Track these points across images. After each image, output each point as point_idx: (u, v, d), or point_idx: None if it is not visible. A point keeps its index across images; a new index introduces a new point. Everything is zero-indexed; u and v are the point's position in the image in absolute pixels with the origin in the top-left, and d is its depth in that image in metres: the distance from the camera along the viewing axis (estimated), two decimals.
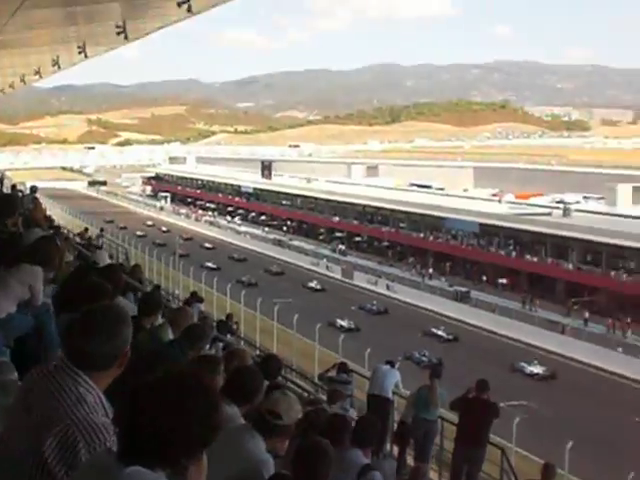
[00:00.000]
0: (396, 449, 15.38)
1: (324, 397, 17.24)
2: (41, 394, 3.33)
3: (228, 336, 17.85)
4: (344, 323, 57.82)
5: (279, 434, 5.26)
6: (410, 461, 14.74)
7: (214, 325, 10.05)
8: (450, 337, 56.78)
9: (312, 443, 5.65)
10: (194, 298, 20.36)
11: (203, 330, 7.21)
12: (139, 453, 2.57)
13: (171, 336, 7.25)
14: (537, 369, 49.18)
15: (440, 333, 57.42)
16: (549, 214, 78.13)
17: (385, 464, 14.21)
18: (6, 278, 7.15)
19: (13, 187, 24.81)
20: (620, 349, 52.82)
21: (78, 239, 27.24)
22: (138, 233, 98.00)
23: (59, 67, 21.39)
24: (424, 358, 49.63)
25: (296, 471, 5.28)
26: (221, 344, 13.92)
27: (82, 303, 7.52)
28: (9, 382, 5.96)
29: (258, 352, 27.38)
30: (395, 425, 15.89)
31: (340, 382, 16.40)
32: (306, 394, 16.36)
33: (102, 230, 38.73)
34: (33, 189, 20.33)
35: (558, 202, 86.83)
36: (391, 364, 16.48)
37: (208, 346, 11.70)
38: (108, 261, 10.33)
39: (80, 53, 17.84)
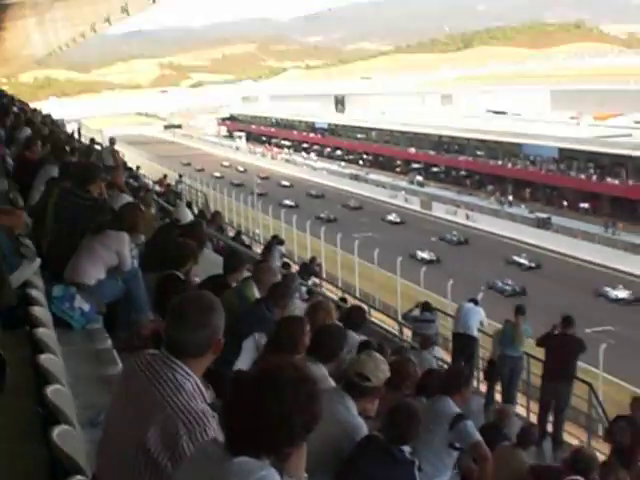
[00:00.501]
0: (483, 386, 15.47)
1: (408, 338, 17.43)
2: (140, 383, 3.42)
3: (312, 279, 17.99)
4: (425, 255, 57.72)
5: (368, 395, 5.37)
6: (498, 397, 14.82)
7: (296, 276, 10.08)
8: (532, 264, 56.35)
9: (403, 405, 5.75)
10: (275, 240, 20.39)
11: (287, 287, 7.32)
12: (244, 443, 2.68)
13: (257, 293, 7.33)
14: (622, 293, 48.58)
15: (522, 261, 57.04)
16: (629, 135, 76.57)
17: (473, 401, 14.30)
18: (93, 245, 7.28)
19: (92, 141, 25.05)
20: None
21: (157, 187, 27.60)
22: (215, 174, 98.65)
23: (128, 14, 21.58)
24: (507, 287, 49.44)
25: (387, 432, 5.40)
26: (304, 288, 14.05)
27: (168, 264, 7.72)
28: (103, 350, 6.11)
29: (340, 293, 27.59)
30: (481, 362, 16.00)
31: (424, 321, 16.48)
32: (390, 335, 16.50)
33: (180, 176, 39.07)
34: (112, 141, 20.50)
35: (638, 122, 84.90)
36: (475, 302, 16.44)
37: None
38: (190, 217, 10.41)
39: None
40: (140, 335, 7.12)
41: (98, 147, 23.12)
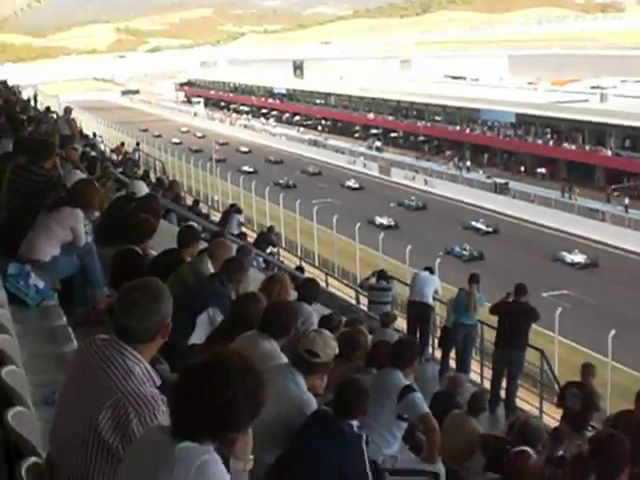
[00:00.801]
0: (438, 353, 15.67)
1: (364, 307, 17.60)
2: (91, 368, 3.50)
3: (269, 248, 18.03)
4: (383, 221, 57.76)
5: (317, 372, 5.47)
6: (453, 364, 15.03)
7: (251, 249, 10.11)
8: (490, 229, 56.61)
9: (352, 380, 5.85)
10: (233, 209, 20.25)
11: (241, 263, 7.37)
12: (189, 429, 2.78)
13: (211, 268, 7.39)
14: (578, 258, 49.02)
15: (479, 226, 57.28)
16: (586, 100, 77.04)
17: (428, 368, 14.53)
18: (48, 222, 7.29)
19: (47, 109, 24.82)
20: None
21: (114, 155, 27.44)
22: (174, 140, 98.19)
23: None
24: (465, 252, 49.72)
25: (336, 407, 5.50)
26: (261, 258, 14.10)
27: (127, 238, 7.76)
28: (58, 327, 6.15)
29: (298, 262, 27.67)
30: (438, 330, 16.20)
31: (380, 289, 16.64)
32: (347, 304, 16.66)
33: (138, 144, 38.81)
34: (67, 110, 20.28)
35: (595, 87, 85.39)
36: (430, 270, 16.60)
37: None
38: (146, 189, 10.39)
39: None
40: (96, 309, 7.19)
41: (54, 115, 22.95)
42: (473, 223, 57.64)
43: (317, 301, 8.77)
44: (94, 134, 28.61)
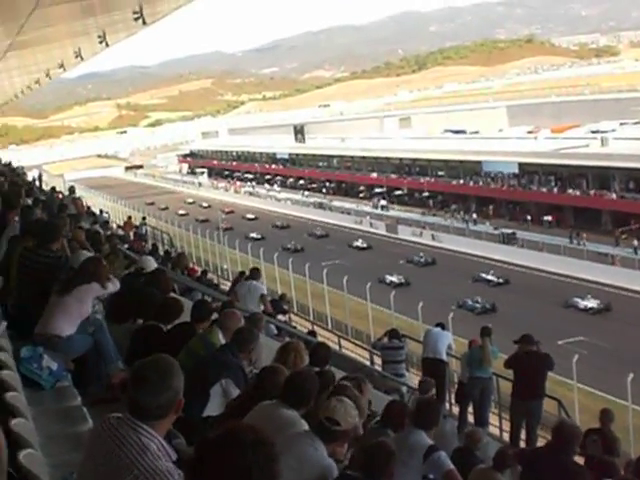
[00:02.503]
0: (456, 408, 15.60)
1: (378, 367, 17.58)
2: (107, 447, 3.54)
3: (280, 317, 18.00)
4: (394, 278, 57.71)
5: (338, 439, 5.49)
6: (471, 419, 14.95)
7: (261, 318, 10.12)
8: (500, 280, 56.50)
9: (379, 444, 5.88)
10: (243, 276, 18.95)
11: (251, 332, 7.38)
12: None
13: (222, 339, 7.42)
14: (591, 303, 48.85)
15: (490, 277, 57.20)
16: (587, 145, 77.39)
17: (446, 424, 14.45)
18: (66, 301, 7.37)
19: (53, 189, 25.04)
20: None
21: (121, 231, 27.60)
22: (180, 212, 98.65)
23: (82, 58, 21.58)
24: (477, 305, 49.60)
25: (364, 470, 5.53)
26: (273, 326, 14.11)
27: (133, 314, 7.83)
28: (73, 408, 6.17)
29: (310, 326, 27.62)
30: (454, 385, 16.15)
31: (392, 348, 16.66)
32: (360, 365, 16.63)
33: (144, 218, 39.01)
34: (71, 190, 20.50)
35: (595, 132, 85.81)
36: (442, 326, 16.61)
37: None
38: (154, 265, 10.50)
39: (101, 42, 18.01)
40: (111, 386, 7.21)
41: (59, 195, 23.18)
42: (483, 275, 57.57)
43: (329, 364, 8.78)
44: (101, 211, 28.80)
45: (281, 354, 7.45)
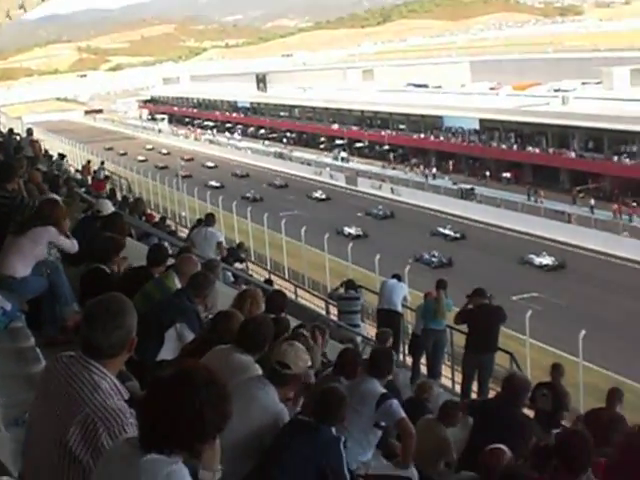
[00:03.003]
0: (409, 359, 15.75)
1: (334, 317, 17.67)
2: (59, 385, 3.55)
3: (236, 264, 18.00)
4: (352, 230, 57.85)
5: (289, 383, 5.53)
6: (424, 370, 15.10)
7: (217, 264, 10.09)
8: (457, 235, 56.84)
9: (331, 389, 5.93)
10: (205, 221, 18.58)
11: (207, 277, 7.38)
12: (156, 441, 2.85)
13: (178, 284, 7.41)
14: (546, 260, 49.32)
15: (447, 232, 57.50)
16: (548, 104, 77.65)
17: (399, 375, 14.58)
18: (21, 242, 7.33)
19: (10, 131, 24.72)
20: (626, 233, 52.96)
21: (79, 175, 27.35)
22: (139, 158, 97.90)
23: None
24: (434, 259, 49.89)
25: (316, 414, 5.58)
26: (230, 274, 14.11)
27: (95, 258, 7.81)
28: (27, 349, 6.15)
29: (267, 274, 27.66)
30: (408, 337, 16.28)
31: (348, 299, 16.73)
32: (316, 315, 16.69)
33: (103, 163, 38.56)
34: (29, 132, 20.24)
35: (556, 90, 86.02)
36: (398, 278, 16.70)
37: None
38: (111, 208, 10.44)
39: None
40: (65, 328, 7.19)
41: (17, 137, 22.89)
42: (440, 229, 57.87)
43: (285, 312, 8.80)
44: (60, 154, 28.37)
45: (238, 300, 7.47)
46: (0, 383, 5.19)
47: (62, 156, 28.08)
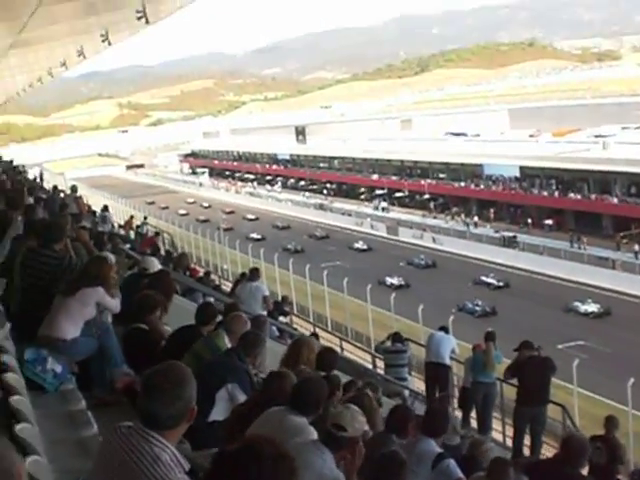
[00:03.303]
0: (459, 413, 15.53)
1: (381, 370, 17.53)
2: (118, 457, 3.47)
3: (280, 318, 17.96)
4: (394, 280, 57.66)
5: (345, 446, 5.37)
6: (474, 424, 14.88)
7: (266, 321, 10.06)
8: (500, 284, 56.48)
9: (392, 454, 5.82)
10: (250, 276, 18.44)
11: (258, 336, 7.31)
12: None
13: (228, 343, 7.35)
14: (591, 307, 48.82)
15: (490, 280, 57.18)
16: (588, 149, 77.35)
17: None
18: (70, 303, 7.31)
19: (54, 188, 24.95)
20: None
21: (123, 231, 27.50)
22: (180, 212, 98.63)
23: (84, 57, 21.54)
24: (477, 308, 49.55)
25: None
26: (275, 328, 14.07)
27: (133, 316, 7.79)
28: (77, 412, 6.10)
29: (312, 328, 27.54)
30: (456, 390, 16.08)
31: (395, 352, 16.60)
32: (363, 369, 16.56)
33: (145, 218, 38.86)
34: (73, 189, 20.41)
35: (596, 136, 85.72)
36: (445, 330, 16.54)
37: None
38: (157, 265, 10.44)
39: (104, 41, 18.01)
40: (115, 389, 7.15)
41: (61, 194, 23.12)
42: (483, 278, 57.54)
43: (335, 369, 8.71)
44: (105, 207, 28.56)
45: (293, 350, 7.41)
46: (51, 448, 5.12)
47: (105, 207, 28.26)
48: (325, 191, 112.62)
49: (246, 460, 2.76)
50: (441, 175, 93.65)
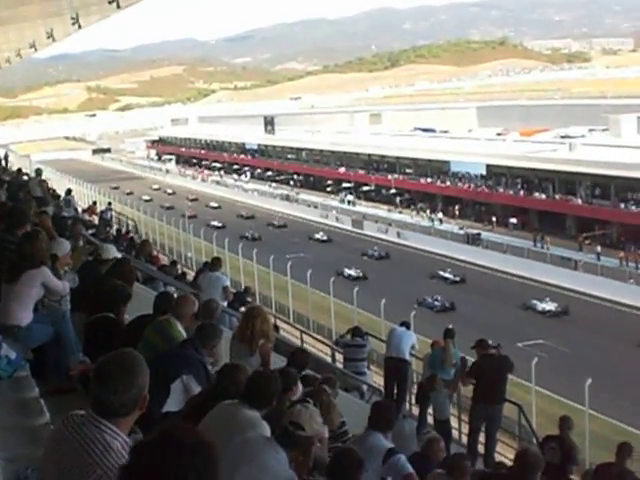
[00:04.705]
0: (416, 409, 15.56)
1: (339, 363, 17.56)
2: (70, 445, 3.47)
3: (242, 309, 17.91)
4: (352, 272, 57.89)
5: (300, 445, 5.37)
6: (430, 420, 14.92)
7: (218, 306, 9.97)
8: (457, 279, 56.82)
9: (348, 451, 5.82)
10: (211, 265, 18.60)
11: (215, 328, 7.27)
12: None
13: (182, 330, 7.29)
14: (549, 306, 49.14)
15: (447, 275, 57.53)
16: (555, 150, 77.80)
17: (405, 424, 14.42)
18: (14, 289, 7.24)
19: (19, 171, 24.78)
20: (632, 281, 52.86)
21: (87, 216, 27.34)
22: (145, 197, 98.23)
23: (54, 39, 21.30)
24: (437, 303, 49.77)
25: (334, 477, 5.46)
26: (235, 319, 14.00)
27: (101, 306, 7.72)
28: (30, 400, 6.05)
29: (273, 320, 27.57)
30: (415, 386, 16.11)
31: (355, 346, 16.63)
32: (322, 362, 16.58)
33: (110, 204, 38.61)
34: (38, 172, 20.27)
35: (563, 137, 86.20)
36: (406, 325, 16.57)
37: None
38: (116, 253, 10.39)
39: (74, 24, 17.80)
40: (69, 377, 7.10)
41: (25, 177, 22.95)
42: (441, 273, 57.83)
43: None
44: (68, 191, 28.23)
45: (247, 320, 7.41)
46: (1, 436, 5.09)
47: (69, 191, 27.96)
48: (292, 182, 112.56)
49: (164, 449, 2.73)
50: (408, 170, 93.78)
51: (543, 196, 73.73)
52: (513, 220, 74.30)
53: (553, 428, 11.96)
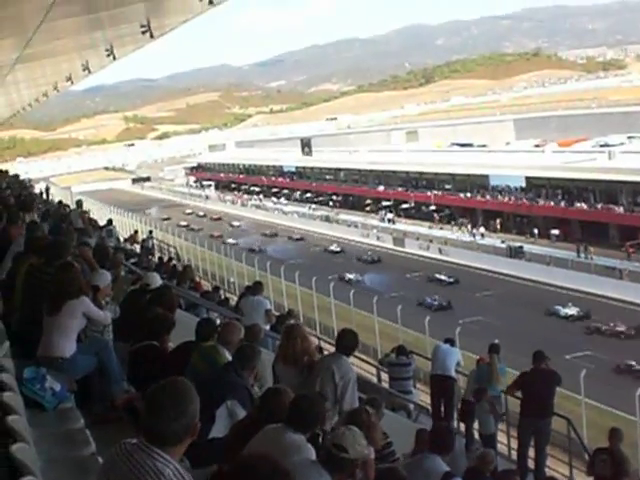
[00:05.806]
0: (463, 426, 15.44)
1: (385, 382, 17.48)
2: (121, 473, 3.51)
3: None
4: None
5: (345, 469, 5.30)
6: (477, 436, 14.79)
7: (260, 330, 10.02)
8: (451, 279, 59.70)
9: (394, 471, 5.77)
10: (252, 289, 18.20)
11: (253, 349, 7.26)
12: None
13: (228, 355, 7.31)
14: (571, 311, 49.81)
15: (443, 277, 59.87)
16: (594, 159, 77.24)
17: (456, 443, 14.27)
18: (56, 321, 7.29)
19: (60, 203, 25.00)
20: None
21: (129, 245, 27.51)
22: (184, 224, 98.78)
23: (89, 71, 21.60)
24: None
25: None
26: (278, 342, 14.00)
27: (145, 335, 7.74)
28: (76, 431, 6.07)
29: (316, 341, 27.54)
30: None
31: (400, 365, 16.54)
32: (367, 382, 16.48)
33: (151, 232, 38.82)
34: (79, 203, 20.43)
35: (602, 145, 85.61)
36: (451, 342, 16.48)
37: None
38: (159, 281, 10.43)
39: (108, 56, 18.07)
40: (114, 406, 7.12)
41: (66, 209, 23.15)
42: (437, 275, 57.66)
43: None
44: (109, 221, 28.45)
45: (286, 341, 7.40)
46: (48, 467, 5.10)
47: (110, 222, 28.20)
48: (331, 203, 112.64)
49: (242, 478, 2.75)
50: (447, 186, 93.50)
51: (584, 206, 73.16)
52: (555, 231, 73.73)
53: (604, 440, 11.79)
